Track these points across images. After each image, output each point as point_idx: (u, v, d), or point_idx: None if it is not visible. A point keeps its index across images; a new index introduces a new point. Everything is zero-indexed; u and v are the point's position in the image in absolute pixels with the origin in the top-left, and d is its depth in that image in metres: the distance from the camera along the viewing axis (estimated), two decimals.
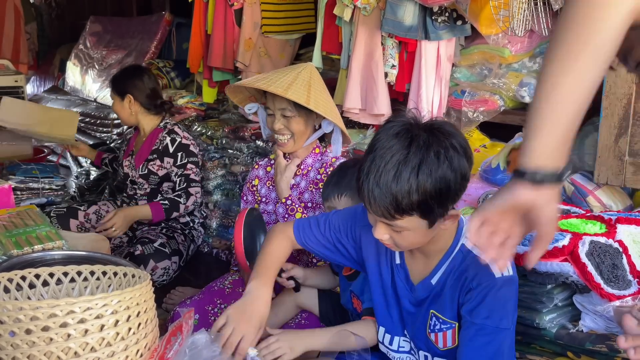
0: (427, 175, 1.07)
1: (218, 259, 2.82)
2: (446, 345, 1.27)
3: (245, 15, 2.96)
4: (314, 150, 2.00)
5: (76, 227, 2.64)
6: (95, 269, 1.29)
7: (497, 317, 1.16)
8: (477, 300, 1.18)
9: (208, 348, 1.26)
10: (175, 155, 2.69)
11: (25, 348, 0.99)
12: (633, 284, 1.49)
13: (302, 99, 1.82)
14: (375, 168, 1.09)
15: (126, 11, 5.04)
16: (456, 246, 1.24)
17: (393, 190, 1.07)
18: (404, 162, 1.07)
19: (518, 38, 2.13)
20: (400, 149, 1.09)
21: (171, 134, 2.72)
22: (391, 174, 1.07)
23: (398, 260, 1.34)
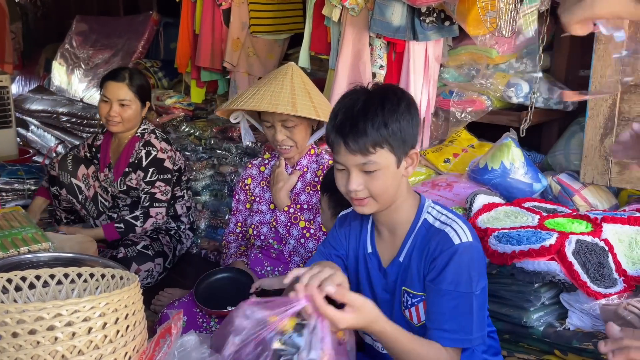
0: (391, 111, 1.23)
1: (207, 260, 2.81)
2: (420, 319, 1.32)
3: (233, 15, 2.95)
4: (309, 152, 1.99)
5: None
6: (83, 271, 1.28)
7: (461, 282, 1.22)
8: (440, 267, 1.24)
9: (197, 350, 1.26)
10: (147, 170, 2.52)
11: (12, 351, 0.98)
12: (619, 282, 1.51)
13: (312, 113, 1.83)
14: (345, 116, 1.24)
15: (113, 10, 5.00)
16: (418, 221, 1.32)
17: (367, 125, 1.21)
18: (370, 102, 1.24)
19: (505, 39, 2.15)
20: (361, 96, 1.26)
21: (147, 146, 2.54)
22: (361, 113, 1.23)
23: (370, 249, 1.39)
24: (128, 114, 2.52)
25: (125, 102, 2.50)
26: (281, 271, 1.95)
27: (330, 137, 1.27)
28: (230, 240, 2.13)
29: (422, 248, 1.29)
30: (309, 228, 1.88)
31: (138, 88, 2.55)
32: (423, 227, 1.31)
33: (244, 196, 2.09)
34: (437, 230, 1.27)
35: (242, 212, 2.10)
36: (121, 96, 2.50)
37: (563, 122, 2.39)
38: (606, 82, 1.96)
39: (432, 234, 1.28)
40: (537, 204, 1.92)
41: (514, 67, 2.31)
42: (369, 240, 1.39)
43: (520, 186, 2.02)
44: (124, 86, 2.51)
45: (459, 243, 1.23)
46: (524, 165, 2.03)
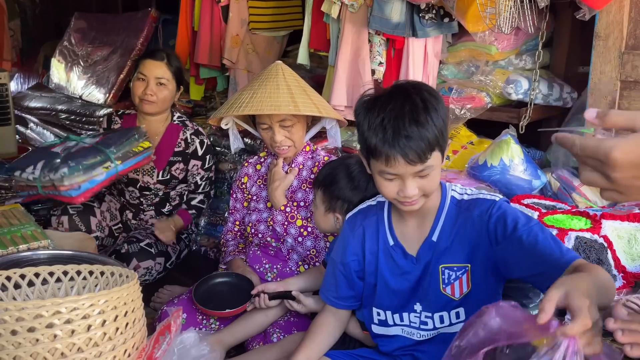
0: (434, 111, 1.23)
1: (206, 257, 2.81)
2: (462, 292, 1.35)
3: (232, 11, 2.95)
4: (304, 149, 1.99)
5: (95, 225, 2.49)
6: (82, 268, 1.28)
7: (526, 221, 1.27)
8: (502, 223, 1.28)
9: (196, 347, 1.26)
10: (204, 158, 2.56)
11: (11, 349, 0.98)
12: (618, 279, 1.51)
13: (314, 110, 1.83)
14: (397, 128, 1.21)
15: (111, 7, 4.98)
16: (445, 200, 1.37)
17: (422, 133, 1.21)
18: (414, 108, 1.22)
19: (504, 35, 2.14)
20: (404, 102, 1.23)
21: (199, 135, 2.55)
22: (413, 123, 1.21)
23: (392, 242, 1.41)
24: (164, 94, 2.46)
25: (163, 81, 2.44)
26: (280, 268, 1.95)
27: (381, 151, 1.22)
28: (229, 239, 2.13)
29: (462, 221, 1.34)
30: (306, 226, 1.88)
31: (176, 69, 2.50)
32: (452, 204, 1.36)
33: (241, 195, 2.09)
34: (469, 201, 1.35)
35: (240, 210, 2.10)
36: (159, 74, 2.44)
37: (562, 119, 2.39)
38: (605, 79, 1.96)
39: (465, 206, 1.35)
40: (536, 201, 1.92)
41: (513, 64, 2.31)
42: (389, 234, 1.42)
43: (520, 183, 2.02)
44: (162, 65, 2.45)
45: (499, 199, 1.32)
46: (524, 162, 2.03)
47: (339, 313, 1.53)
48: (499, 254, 1.29)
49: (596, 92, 1.99)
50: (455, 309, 1.37)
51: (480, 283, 1.34)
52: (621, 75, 1.93)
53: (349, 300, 1.51)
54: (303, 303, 1.68)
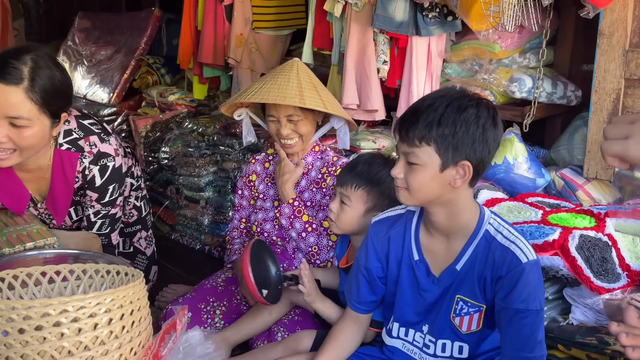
0: (453, 111, 1.20)
1: (210, 256, 2.82)
2: (470, 328, 1.32)
3: (236, 10, 2.95)
4: (314, 149, 1.96)
5: None
6: (88, 267, 1.28)
7: (529, 301, 1.22)
8: (509, 287, 1.23)
9: (202, 345, 1.27)
10: (105, 189, 1.82)
11: (19, 347, 0.99)
12: (622, 277, 1.51)
13: (319, 105, 1.80)
14: (413, 108, 1.25)
15: (115, 7, 4.99)
16: (479, 231, 1.29)
17: (422, 117, 1.21)
18: (444, 100, 1.22)
19: (508, 34, 2.14)
20: (448, 95, 1.24)
21: (99, 161, 1.77)
22: (424, 108, 1.22)
23: (416, 257, 1.37)
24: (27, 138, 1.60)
25: (20, 122, 1.57)
26: (285, 267, 1.95)
27: (397, 125, 1.28)
28: (234, 236, 2.12)
29: (484, 261, 1.27)
30: (311, 223, 1.88)
31: (44, 92, 1.58)
32: (484, 238, 1.28)
33: (249, 192, 2.07)
34: (500, 245, 1.25)
35: (246, 208, 2.09)
36: (13, 112, 1.55)
37: (566, 117, 2.39)
38: (609, 77, 1.96)
39: (495, 247, 1.26)
40: (540, 199, 1.92)
41: (517, 62, 2.31)
42: (415, 248, 1.37)
43: (524, 181, 2.02)
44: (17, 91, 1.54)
45: (526, 262, 1.22)
46: (527, 160, 2.03)
47: (359, 318, 1.50)
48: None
49: (600, 90, 1.98)
50: (459, 342, 1.34)
51: (491, 326, 1.32)
52: (625, 73, 1.93)
53: (371, 305, 1.48)
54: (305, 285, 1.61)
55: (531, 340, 1.22)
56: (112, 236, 1.94)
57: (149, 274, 2.32)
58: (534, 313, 1.22)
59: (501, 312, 1.25)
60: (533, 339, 1.22)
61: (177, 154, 3.11)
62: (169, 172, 3.16)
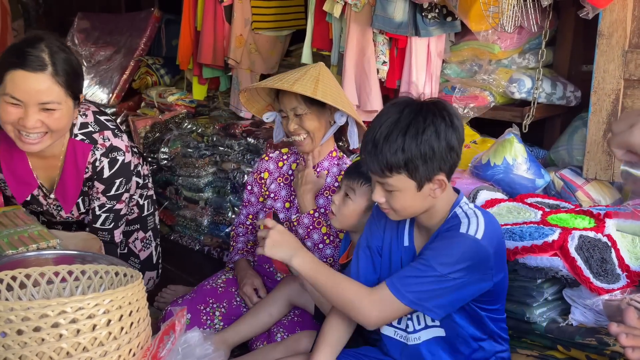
0: (413, 137, 1.22)
1: (210, 257, 2.82)
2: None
3: (235, 11, 2.95)
4: (331, 154, 1.93)
5: None
6: (87, 268, 1.28)
7: (435, 256, 1.27)
8: (431, 241, 1.32)
9: (201, 346, 1.27)
10: (112, 182, 1.84)
11: (17, 349, 0.99)
12: (621, 278, 1.50)
13: (308, 91, 1.77)
14: (373, 130, 1.26)
15: (114, 7, 4.99)
16: (449, 216, 1.34)
17: (384, 148, 1.23)
18: (395, 124, 1.23)
19: (507, 34, 2.14)
20: (394, 114, 1.25)
21: (110, 153, 1.81)
22: (384, 134, 1.24)
23: (407, 243, 1.41)
24: (56, 121, 1.66)
25: (51, 106, 1.64)
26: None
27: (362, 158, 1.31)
28: (239, 233, 2.09)
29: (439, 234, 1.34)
30: (329, 235, 1.85)
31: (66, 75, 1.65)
32: (451, 218, 1.34)
33: (259, 189, 2.04)
34: (456, 219, 1.31)
35: (255, 204, 2.06)
36: (44, 98, 1.62)
37: (566, 118, 2.39)
38: (609, 77, 1.96)
39: (450, 221, 1.33)
40: (539, 200, 1.92)
41: (516, 63, 2.31)
42: (407, 235, 1.43)
43: (523, 182, 2.02)
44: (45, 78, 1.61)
45: (463, 233, 1.27)
46: (527, 161, 2.03)
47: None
48: None
49: (600, 90, 1.98)
50: (437, 327, 1.38)
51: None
52: (625, 73, 1.93)
53: (369, 284, 1.46)
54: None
55: (407, 280, 1.28)
56: (115, 233, 1.94)
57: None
58: (430, 269, 1.26)
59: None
60: (409, 281, 1.27)
61: (176, 154, 3.11)
62: (168, 172, 3.16)
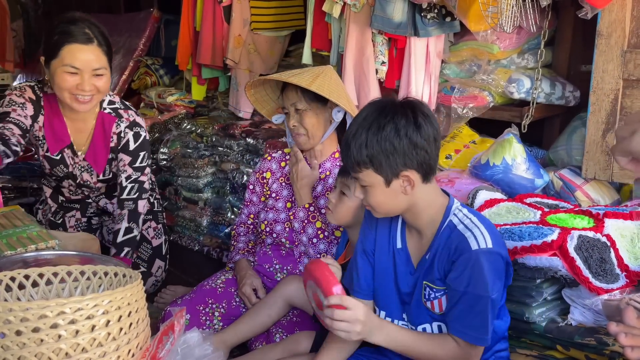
0: (374, 134, 1.29)
1: (209, 257, 2.81)
2: (442, 309, 1.38)
3: (234, 11, 2.95)
4: (333, 155, 1.94)
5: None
6: (86, 269, 1.28)
7: (475, 285, 1.28)
8: (458, 271, 1.30)
9: (200, 346, 1.27)
10: (137, 155, 2.12)
11: (16, 349, 0.99)
12: (621, 278, 1.51)
13: (303, 83, 1.78)
14: (348, 129, 1.35)
15: (113, 8, 4.99)
16: (445, 222, 1.36)
17: (352, 145, 1.31)
18: (362, 122, 1.32)
19: (506, 34, 2.14)
20: (364, 112, 1.33)
21: (134, 127, 2.12)
22: (352, 132, 1.32)
23: (399, 245, 1.43)
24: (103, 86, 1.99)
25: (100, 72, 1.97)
26: (290, 270, 1.94)
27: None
28: (240, 232, 2.09)
29: (444, 248, 1.34)
30: (323, 230, 1.86)
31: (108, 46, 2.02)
32: (448, 227, 1.35)
33: (260, 189, 2.04)
34: (459, 233, 1.33)
35: (256, 204, 2.06)
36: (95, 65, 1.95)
37: (565, 118, 2.39)
38: (608, 77, 1.96)
39: (454, 236, 1.33)
40: (539, 200, 1.92)
41: (515, 63, 2.31)
42: (400, 237, 1.44)
43: (522, 182, 2.02)
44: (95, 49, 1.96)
45: (476, 249, 1.28)
46: (526, 161, 2.03)
47: None
48: None
49: (599, 90, 1.98)
50: (437, 322, 1.39)
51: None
52: (624, 73, 1.93)
53: (371, 288, 1.49)
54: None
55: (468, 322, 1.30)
56: (139, 202, 2.15)
57: (151, 266, 2.34)
58: (475, 297, 1.28)
59: (450, 292, 1.33)
60: (470, 321, 1.29)
61: (175, 155, 3.11)
62: (167, 173, 3.16)
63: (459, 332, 1.32)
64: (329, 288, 1.30)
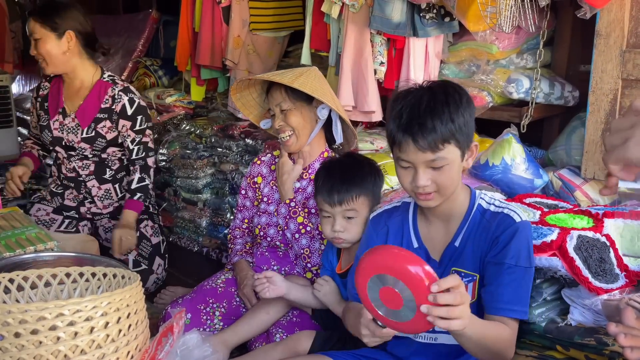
0: (455, 107, 1.26)
1: (208, 258, 2.81)
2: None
3: (233, 12, 2.95)
4: (322, 155, 1.95)
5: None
6: (85, 270, 1.28)
7: (521, 257, 1.29)
8: (503, 243, 1.30)
9: (199, 348, 1.26)
10: (135, 118, 2.37)
11: (15, 352, 0.98)
12: (620, 278, 1.50)
13: (284, 80, 1.79)
14: (412, 115, 1.26)
15: (112, 9, 4.99)
16: (473, 207, 1.38)
17: (435, 121, 1.24)
18: (435, 99, 1.27)
19: (505, 34, 2.14)
20: (424, 93, 1.28)
21: (128, 93, 2.38)
22: (428, 111, 1.25)
23: (416, 244, 1.42)
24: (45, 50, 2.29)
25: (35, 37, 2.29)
26: (287, 271, 1.94)
27: (396, 137, 1.28)
28: (236, 235, 2.10)
29: (480, 231, 1.35)
30: (305, 225, 1.87)
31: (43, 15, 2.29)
32: (478, 211, 1.37)
33: (253, 193, 2.05)
34: (494, 213, 1.35)
35: (250, 209, 2.07)
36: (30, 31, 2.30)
37: (564, 118, 2.39)
38: (607, 77, 1.96)
39: (489, 217, 1.35)
40: (538, 200, 1.91)
41: (514, 63, 2.31)
42: (414, 236, 1.43)
43: (522, 182, 2.02)
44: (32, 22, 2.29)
45: (519, 221, 1.31)
46: (525, 161, 2.03)
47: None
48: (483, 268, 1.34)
49: (598, 90, 1.98)
50: None
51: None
52: (622, 73, 1.93)
53: None
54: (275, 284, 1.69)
55: (516, 295, 1.29)
56: (147, 159, 2.45)
57: (152, 263, 2.39)
58: (522, 270, 1.29)
59: (493, 267, 1.31)
60: (518, 295, 1.29)
61: (174, 156, 3.11)
62: (166, 174, 3.15)
63: (507, 311, 1.28)
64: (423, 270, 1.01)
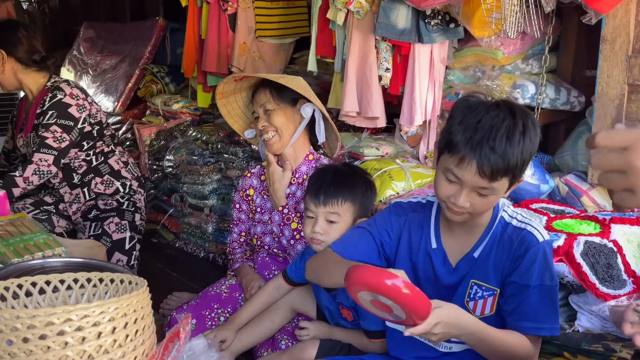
0: (530, 140, 1.20)
1: (214, 264, 2.82)
2: (484, 312, 1.34)
3: (239, 19, 2.97)
4: (307, 157, 1.98)
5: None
6: (92, 276, 1.29)
7: (547, 276, 1.28)
8: (527, 266, 1.28)
9: (205, 353, 1.26)
10: (46, 112, 2.32)
11: (23, 357, 0.99)
12: (628, 284, 1.50)
13: (270, 77, 1.86)
14: (487, 135, 1.17)
15: (120, 16, 5.03)
16: (495, 219, 1.35)
17: (508, 153, 1.18)
18: (514, 127, 1.18)
19: (510, 40, 2.14)
20: (506, 117, 1.19)
21: (55, 90, 2.36)
22: (505, 139, 1.17)
23: (434, 245, 1.40)
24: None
25: None
26: None
27: (459, 149, 1.19)
28: (235, 247, 2.13)
29: (502, 245, 1.33)
30: (299, 230, 1.88)
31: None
32: (500, 224, 1.34)
33: (247, 206, 2.09)
34: (515, 228, 1.32)
35: (245, 222, 2.10)
36: None
37: (570, 123, 2.38)
38: (612, 83, 1.95)
39: (511, 231, 1.32)
40: (544, 206, 1.91)
41: (519, 68, 2.31)
42: (434, 237, 1.41)
43: (528, 187, 2.01)
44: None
45: (542, 241, 1.29)
46: (531, 166, 2.02)
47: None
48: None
49: (604, 96, 1.98)
50: None
51: (502, 315, 1.34)
52: (628, 78, 1.93)
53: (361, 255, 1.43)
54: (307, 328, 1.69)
55: (543, 314, 1.27)
56: (35, 154, 2.28)
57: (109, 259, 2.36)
58: (547, 287, 1.28)
59: (517, 288, 1.29)
60: (544, 313, 1.28)
61: (181, 162, 3.12)
62: (173, 180, 3.17)
63: (531, 330, 1.27)
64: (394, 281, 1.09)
